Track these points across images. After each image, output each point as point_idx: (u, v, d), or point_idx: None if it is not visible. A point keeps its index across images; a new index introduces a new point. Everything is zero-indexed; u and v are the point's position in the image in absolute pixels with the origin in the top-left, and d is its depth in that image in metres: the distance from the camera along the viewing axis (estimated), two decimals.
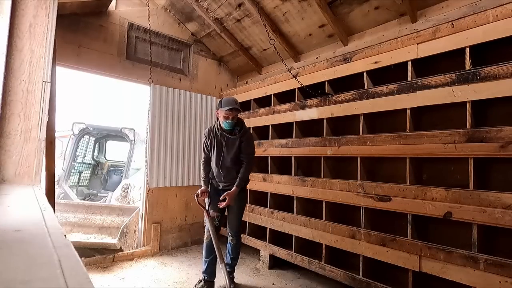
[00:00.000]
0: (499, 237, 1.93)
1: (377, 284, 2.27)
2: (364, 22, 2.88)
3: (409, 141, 2.20)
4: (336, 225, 2.62)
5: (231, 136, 2.58)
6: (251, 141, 2.69)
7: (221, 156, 2.61)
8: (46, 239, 0.62)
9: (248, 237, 3.54)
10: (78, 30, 3.22)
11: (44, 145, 1.37)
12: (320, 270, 2.70)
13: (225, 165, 2.62)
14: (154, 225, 3.65)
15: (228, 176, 2.63)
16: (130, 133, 6.01)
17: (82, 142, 6.20)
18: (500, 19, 1.82)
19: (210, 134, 2.67)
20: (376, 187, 2.36)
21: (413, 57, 2.25)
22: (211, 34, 4.05)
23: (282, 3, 3.06)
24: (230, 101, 2.49)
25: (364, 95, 2.53)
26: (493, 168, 2.00)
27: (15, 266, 0.48)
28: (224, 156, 2.61)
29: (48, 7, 1.39)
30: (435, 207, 2.02)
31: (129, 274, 2.99)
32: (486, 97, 1.85)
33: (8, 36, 1.26)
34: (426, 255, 2.04)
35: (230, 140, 2.58)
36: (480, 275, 1.78)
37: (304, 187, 2.92)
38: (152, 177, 3.67)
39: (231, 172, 2.63)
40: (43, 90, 1.35)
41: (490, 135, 1.81)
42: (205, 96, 4.24)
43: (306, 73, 3.07)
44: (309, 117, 2.99)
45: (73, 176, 6.02)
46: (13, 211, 0.84)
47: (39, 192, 1.17)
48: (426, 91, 2.13)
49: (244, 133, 2.61)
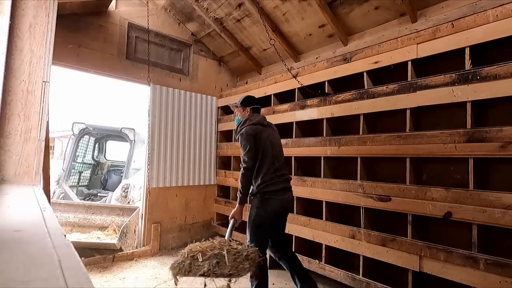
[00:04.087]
0: (499, 237, 1.92)
1: (377, 284, 2.27)
2: (364, 22, 2.88)
3: (409, 141, 2.20)
4: (336, 225, 2.62)
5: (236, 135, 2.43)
6: (242, 144, 2.24)
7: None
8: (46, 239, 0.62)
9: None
10: (78, 30, 3.22)
11: (44, 145, 1.37)
12: (320, 270, 2.70)
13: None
14: (154, 225, 3.65)
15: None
16: (130, 133, 6.02)
17: (82, 142, 6.20)
18: (500, 19, 1.82)
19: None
20: (376, 187, 2.36)
21: (413, 57, 2.25)
22: (211, 34, 4.05)
23: (282, 3, 3.06)
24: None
25: (364, 95, 2.53)
26: (493, 168, 2.00)
27: (15, 266, 0.48)
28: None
29: (48, 7, 1.39)
30: (435, 207, 2.02)
31: (129, 274, 2.99)
32: (486, 97, 1.85)
33: (8, 36, 1.26)
34: (426, 255, 2.04)
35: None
36: (480, 275, 1.78)
37: (304, 187, 2.92)
38: (152, 177, 3.67)
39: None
40: (43, 90, 1.35)
41: (490, 135, 1.81)
42: (205, 96, 4.24)
43: (306, 73, 3.07)
44: (309, 117, 2.99)
45: (73, 176, 6.02)
46: (13, 211, 0.84)
47: (39, 192, 1.17)
48: (426, 91, 2.13)
49: (238, 133, 2.32)
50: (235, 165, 4.00)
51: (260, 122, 2.30)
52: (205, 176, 4.18)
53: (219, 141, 4.32)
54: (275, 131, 2.42)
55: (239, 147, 3.86)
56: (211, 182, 4.24)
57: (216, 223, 4.19)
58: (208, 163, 4.21)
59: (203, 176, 4.15)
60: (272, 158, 2.22)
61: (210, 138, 4.26)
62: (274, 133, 2.39)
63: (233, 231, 2.14)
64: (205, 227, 4.16)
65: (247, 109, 2.41)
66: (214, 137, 4.31)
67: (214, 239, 1.89)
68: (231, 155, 4.04)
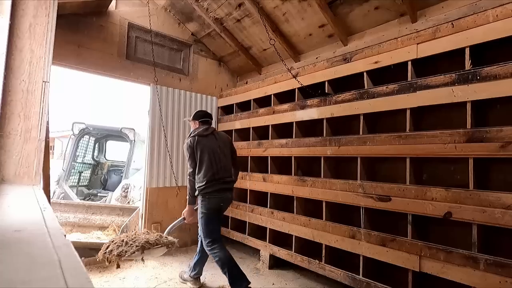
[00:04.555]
0: (499, 237, 1.92)
1: (377, 284, 2.27)
2: (364, 22, 2.88)
3: (409, 141, 2.20)
4: (336, 225, 2.62)
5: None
6: (185, 153, 2.71)
7: None
8: (46, 239, 0.62)
9: (248, 237, 3.54)
10: (78, 30, 3.22)
11: (44, 145, 1.37)
12: (320, 270, 2.70)
13: None
14: (154, 225, 3.65)
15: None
16: (130, 133, 6.02)
17: (82, 142, 6.20)
18: (500, 19, 1.82)
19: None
20: (376, 187, 2.36)
21: (413, 57, 2.25)
22: (211, 34, 4.05)
23: (282, 3, 3.06)
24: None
25: (364, 95, 2.53)
26: (493, 168, 2.00)
27: (15, 266, 0.48)
28: None
29: (48, 7, 1.39)
30: (435, 207, 2.02)
31: (129, 274, 2.99)
32: (486, 97, 1.85)
33: (8, 36, 1.26)
34: (426, 255, 2.04)
35: None
36: (480, 275, 1.78)
37: (304, 187, 2.92)
38: (152, 177, 3.67)
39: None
40: (43, 90, 1.35)
41: (490, 135, 1.81)
42: (205, 96, 4.24)
43: (306, 73, 3.07)
44: (309, 117, 2.99)
45: (73, 176, 6.02)
46: (13, 211, 0.84)
47: (39, 192, 1.17)
48: (426, 91, 2.13)
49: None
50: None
51: (200, 133, 2.67)
52: None
53: None
54: (217, 140, 2.74)
55: (239, 147, 3.88)
56: None
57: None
58: None
59: None
60: (210, 163, 2.60)
61: None
62: (216, 141, 2.72)
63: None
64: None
65: (197, 122, 2.81)
66: None
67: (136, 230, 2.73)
68: None
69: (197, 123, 2.80)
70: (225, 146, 2.76)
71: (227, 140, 2.84)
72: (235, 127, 4.01)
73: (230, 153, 2.79)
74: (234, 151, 2.86)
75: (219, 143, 2.71)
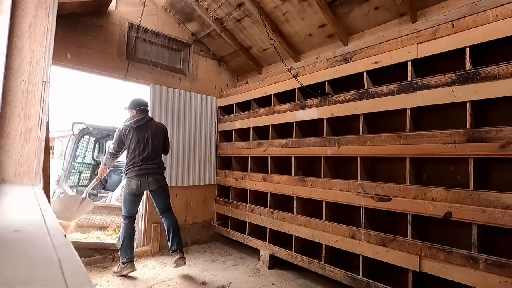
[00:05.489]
0: (499, 237, 1.93)
1: (377, 284, 2.27)
2: (364, 22, 2.88)
3: (409, 141, 2.20)
4: (336, 225, 2.62)
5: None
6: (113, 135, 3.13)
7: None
8: (46, 239, 0.62)
9: (248, 237, 3.54)
10: (78, 30, 3.22)
11: (44, 145, 1.37)
12: (320, 270, 2.70)
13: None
14: (154, 225, 3.65)
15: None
16: None
17: (82, 142, 6.19)
18: (500, 19, 1.82)
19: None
20: (376, 187, 2.36)
21: (413, 57, 2.25)
22: (211, 34, 4.05)
23: (282, 3, 3.06)
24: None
25: (364, 95, 2.53)
26: (493, 168, 2.00)
27: (15, 266, 0.48)
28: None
29: (48, 7, 1.39)
30: (435, 207, 2.02)
31: (129, 274, 2.99)
32: (486, 97, 1.85)
33: (8, 36, 1.26)
34: (426, 255, 2.04)
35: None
36: (480, 275, 1.78)
37: (304, 187, 2.92)
38: None
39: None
40: (43, 90, 1.35)
41: (490, 135, 1.81)
42: (205, 96, 4.24)
43: (306, 73, 3.07)
44: (309, 117, 2.99)
45: (73, 176, 6.02)
46: (13, 211, 0.84)
47: (39, 192, 1.17)
48: (426, 91, 2.13)
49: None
50: (235, 165, 4.00)
51: (131, 125, 2.97)
52: (205, 176, 4.18)
53: (219, 141, 4.32)
54: (149, 129, 3.02)
55: (239, 147, 3.89)
56: (211, 182, 4.24)
57: (216, 223, 4.19)
58: (208, 163, 4.22)
59: (203, 176, 4.15)
60: (134, 150, 2.93)
61: (210, 138, 4.26)
62: (147, 131, 3.00)
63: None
64: (205, 227, 4.16)
65: (133, 110, 3.06)
66: (214, 137, 4.32)
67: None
68: (231, 155, 4.04)
69: (134, 111, 3.05)
70: (156, 135, 3.05)
71: (161, 130, 3.13)
72: (235, 127, 4.02)
73: (162, 143, 3.11)
74: (167, 141, 3.21)
75: (150, 133, 3.00)
